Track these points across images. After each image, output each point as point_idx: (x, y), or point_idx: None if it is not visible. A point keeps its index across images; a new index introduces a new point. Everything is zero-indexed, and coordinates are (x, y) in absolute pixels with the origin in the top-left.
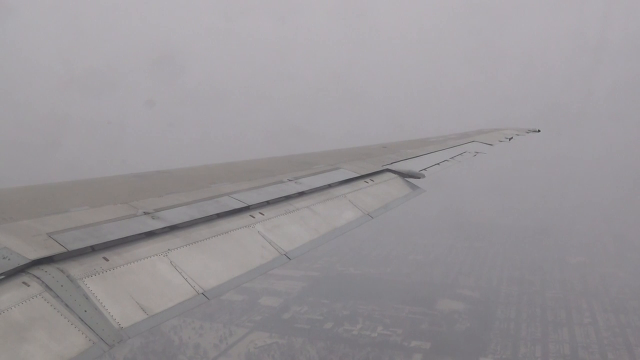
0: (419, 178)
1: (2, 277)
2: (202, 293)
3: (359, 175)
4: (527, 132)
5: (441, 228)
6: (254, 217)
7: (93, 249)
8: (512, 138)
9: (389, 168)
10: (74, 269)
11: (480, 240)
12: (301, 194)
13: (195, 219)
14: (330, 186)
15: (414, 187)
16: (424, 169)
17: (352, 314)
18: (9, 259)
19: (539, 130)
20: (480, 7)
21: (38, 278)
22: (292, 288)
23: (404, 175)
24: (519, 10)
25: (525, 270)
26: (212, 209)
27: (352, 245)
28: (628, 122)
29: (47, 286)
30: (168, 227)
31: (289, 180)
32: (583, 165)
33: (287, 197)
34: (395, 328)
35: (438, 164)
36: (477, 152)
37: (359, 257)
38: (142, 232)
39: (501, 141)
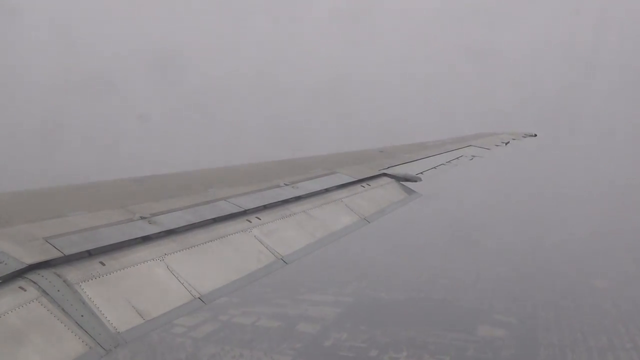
0: (416, 182)
1: None
2: (199, 298)
3: (355, 179)
4: (524, 137)
5: (454, 241)
6: (250, 222)
7: (90, 254)
8: (508, 142)
9: (386, 172)
10: (71, 273)
11: (493, 255)
12: (298, 198)
13: (192, 224)
14: (326, 190)
15: (410, 191)
16: (421, 173)
17: (394, 341)
18: (5, 264)
19: (535, 135)
20: (479, 10)
21: (35, 283)
22: (327, 314)
23: (400, 179)
24: (516, 15)
25: (552, 292)
26: (208, 213)
27: (373, 265)
28: (625, 126)
29: (43, 291)
30: (165, 231)
31: (286, 184)
32: (580, 171)
33: (284, 202)
34: (441, 355)
35: (435, 168)
36: (473, 156)
37: (388, 281)
38: (139, 236)
39: (498, 145)
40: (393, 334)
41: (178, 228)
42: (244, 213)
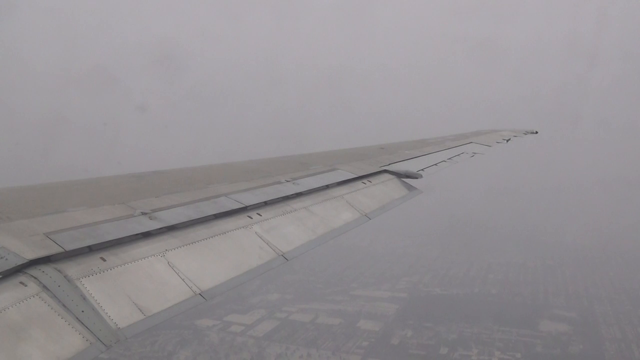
0: (416, 178)
1: (0, 277)
2: (200, 294)
3: (356, 176)
4: (525, 134)
5: (486, 237)
6: (251, 218)
7: (90, 249)
8: (509, 139)
9: (387, 169)
10: (71, 269)
11: (523, 250)
12: (298, 194)
13: (193, 220)
14: (327, 187)
15: (411, 188)
16: (422, 170)
17: (461, 338)
18: (6, 259)
19: (536, 132)
20: (481, 4)
21: (35, 278)
22: (386, 310)
23: (401, 176)
24: (518, 11)
25: (602, 286)
26: (209, 209)
27: (417, 260)
28: (625, 122)
29: (44, 286)
30: (165, 227)
31: (287, 181)
32: (581, 166)
33: (285, 198)
34: (512, 352)
35: (436, 164)
36: (474, 153)
37: (439, 277)
38: (140, 232)
39: (499, 142)
40: (458, 330)
41: (179, 224)
42: (245, 209)
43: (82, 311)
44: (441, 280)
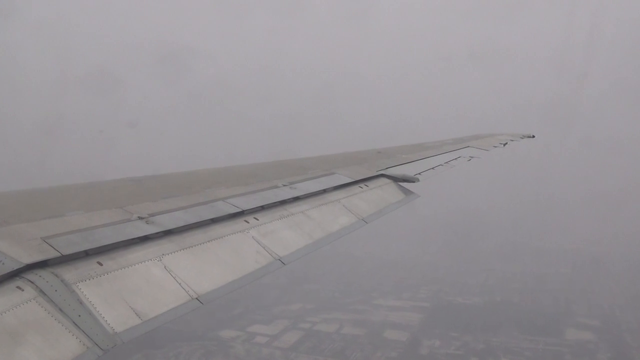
0: (414, 182)
1: None
2: (197, 298)
3: (353, 180)
4: (522, 138)
5: (499, 244)
6: (248, 222)
7: (87, 254)
8: (506, 143)
9: (384, 173)
10: (68, 273)
11: (541, 257)
12: (296, 199)
13: (190, 224)
14: (325, 191)
15: (408, 192)
16: (419, 174)
17: (489, 348)
18: (3, 263)
19: (533, 136)
20: (478, 10)
21: (32, 282)
22: (410, 320)
23: (398, 180)
24: (515, 16)
25: (620, 294)
26: (206, 213)
27: (436, 269)
28: (623, 128)
29: (41, 291)
30: (162, 232)
31: (284, 185)
32: (578, 171)
33: (282, 202)
34: None
35: (433, 168)
36: (471, 157)
37: (459, 286)
38: (137, 236)
39: (496, 147)
40: (485, 340)
41: (176, 228)
42: (242, 213)
43: (79, 315)
44: (461, 289)
